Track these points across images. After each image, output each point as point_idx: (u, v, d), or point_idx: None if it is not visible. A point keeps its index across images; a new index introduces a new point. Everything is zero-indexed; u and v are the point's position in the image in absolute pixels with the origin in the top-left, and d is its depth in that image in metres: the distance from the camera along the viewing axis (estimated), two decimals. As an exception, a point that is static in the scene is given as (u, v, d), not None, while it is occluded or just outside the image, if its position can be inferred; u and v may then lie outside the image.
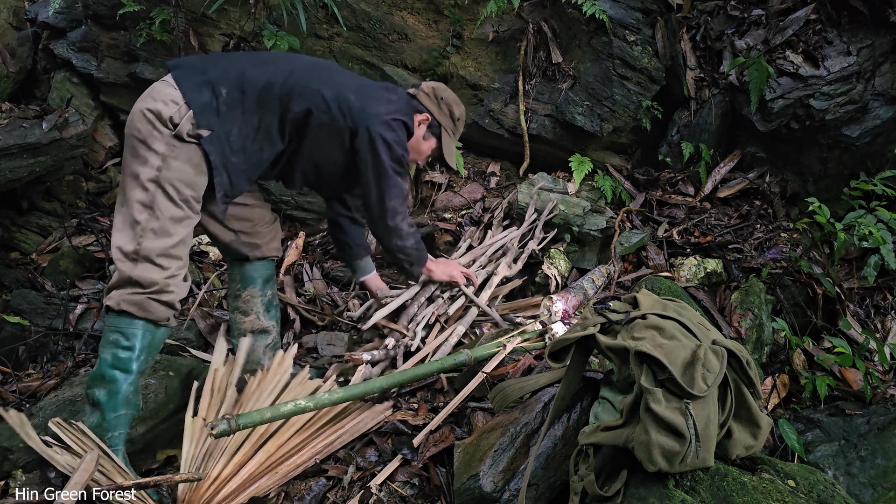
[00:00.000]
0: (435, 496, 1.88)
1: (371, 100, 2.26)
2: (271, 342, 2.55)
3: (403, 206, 2.39)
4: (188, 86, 2.00)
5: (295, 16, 3.39)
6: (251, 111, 2.09)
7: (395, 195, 2.32)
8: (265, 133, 2.13)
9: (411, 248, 2.49)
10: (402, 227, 2.41)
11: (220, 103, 2.02)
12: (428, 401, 2.33)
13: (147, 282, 1.94)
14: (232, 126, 2.05)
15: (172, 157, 1.96)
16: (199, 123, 1.98)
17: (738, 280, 3.12)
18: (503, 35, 3.87)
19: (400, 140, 2.30)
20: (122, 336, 1.94)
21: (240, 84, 2.07)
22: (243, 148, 2.10)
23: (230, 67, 2.10)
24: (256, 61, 2.19)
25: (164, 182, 1.95)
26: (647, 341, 1.42)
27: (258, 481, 1.91)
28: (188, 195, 2.00)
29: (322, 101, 2.16)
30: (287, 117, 2.14)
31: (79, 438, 1.86)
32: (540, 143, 3.86)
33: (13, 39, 4.19)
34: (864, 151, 3.64)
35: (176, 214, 1.98)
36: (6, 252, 3.86)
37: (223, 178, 2.07)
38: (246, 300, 2.49)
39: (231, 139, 2.05)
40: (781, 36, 3.64)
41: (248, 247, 2.44)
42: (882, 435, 2.47)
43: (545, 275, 3.11)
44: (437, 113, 2.46)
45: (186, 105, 1.97)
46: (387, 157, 2.25)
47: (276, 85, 2.11)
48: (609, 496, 1.41)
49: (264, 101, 2.10)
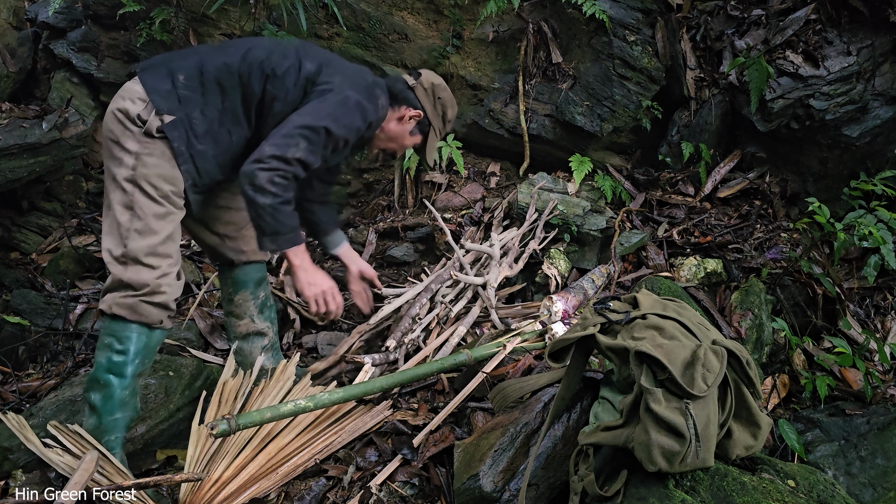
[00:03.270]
0: (435, 496, 1.88)
1: (329, 68, 2.11)
2: (268, 343, 2.54)
3: (278, 164, 1.97)
4: (150, 80, 1.97)
5: (295, 16, 3.39)
6: (213, 92, 2.02)
7: (278, 144, 1.97)
8: (231, 114, 2.05)
9: (265, 210, 1.99)
10: (259, 178, 1.95)
11: (178, 88, 1.97)
12: (428, 401, 2.33)
13: (138, 283, 1.92)
14: (193, 110, 1.98)
15: (146, 153, 1.94)
16: (160, 109, 1.93)
17: (738, 280, 3.12)
18: (503, 35, 3.87)
19: (341, 117, 2.05)
20: (116, 340, 1.93)
21: (198, 68, 2.01)
22: (210, 132, 2.02)
23: (189, 56, 2.07)
24: (215, 48, 2.13)
25: (141, 180, 1.93)
26: (647, 341, 1.42)
27: (259, 482, 1.91)
28: (167, 190, 1.97)
29: (279, 70, 2.04)
30: (250, 96, 2.05)
31: (76, 441, 1.87)
32: (540, 143, 3.86)
33: (13, 39, 4.19)
34: (864, 151, 3.64)
35: (157, 211, 1.95)
36: (6, 252, 3.86)
37: (189, 166, 2.00)
38: (239, 304, 2.47)
39: (194, 124, 1.99)
40: (781, 36, 3.64)
41: (234, 251, 2.39)
42: (882, 435, 2.47)
43: (545, 275, 3.11)
44: (431, 113, 2.35)
45: (150, 100, 1.94)
46: (320, 119, 2.00)
47: (234, 63, 2.03)
48: (609, 496, 1.41)
49: (225, 81, 2.02)
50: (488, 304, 2.81)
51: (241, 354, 2.51)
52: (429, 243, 3.62)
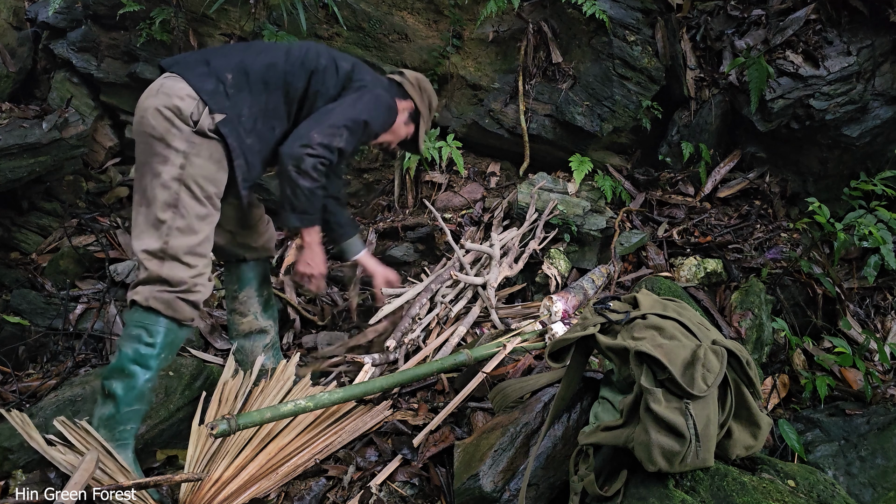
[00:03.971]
0: (435, 496, 1.88)
1: (361, 69, 2.32)
2: (269, 342, 2.56)
3: (322, 151, 2.09)
4: (194, 78, 2.01)
5: (295, 16, 3.39)
6: (258, 91, 2.10)
7: (325, 132, 2.10)
8: (273, 110, 2.14)
9: (301, 192, 2.12)
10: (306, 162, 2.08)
11: (227, 87, 2.04)
12: (428, 401, 2.33)
13: (176, 280, 1.95)
14: (242, 107, 2.06)
15: (194, 154, 1.97)
16: (212, 108, 1.98)
17: (738, 280, 3.12)
18: (503, 35, 3.87)
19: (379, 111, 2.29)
20: (146, 332, 1.95)
21: (243, 68, 2.09)
22: (255, 128, 2.10)
23: (229, 55, 2.13)
24: (252, 50, 2.22)
25: (188, 180, 1.96)
26: (647, 341, 1.42)
27: (259, 482, 1.91)
28: (211, 192, 2.02)
29: (320, 66, 2.19)
30: (292, 94, 2.16)
31: (83, 437, 1.87)
32: (540, 143, 3.86)
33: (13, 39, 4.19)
34: (864, 151, 3.64)
35: (200, 212, 1.99)
36: (6, 252, 3.86)
37: (241, 161, 2.07)
38: (243, 301, 2.50)
39: (243, 120, 2.06)
40: (781, 36, 3.64)
41: (242, 248, 2.45)
42: (882, 435, 2.47)
43: (545, 275, 3.11)
44: (420, 103, 2.50)
45: (202, 99, 1.98)
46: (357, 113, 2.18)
47: (279, 63, 2.14)
48: (609, 496, 1.41)
49: (269, 79, 2.12)
50: (488, 304, 2.81)
51: (242, 353, 2.51)
52: (429, 243, 3.62)
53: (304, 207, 2.16)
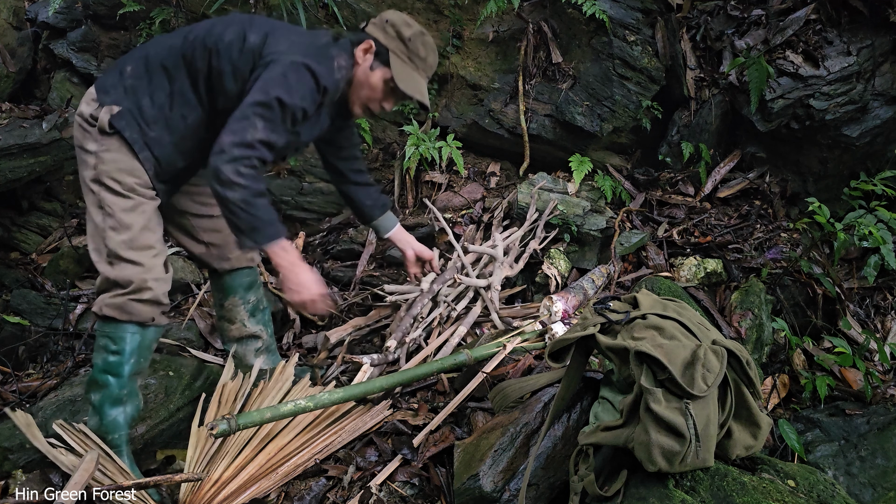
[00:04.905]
0: (435, 496, 1.88)
1: (274, 37, 1.96)
2: (262, 346, 2.51)
3: (240, 150, 1.82)
4: (101, 79, 1.99)
5: (295, 16, 3.39)
6: (159, 77, 1.97)
7: (235, 130, 1.83)
8: (180, 97, 1.98)
9: (236, 206, 1.83)
10: (225, 171, 1.80)
11: (125, 78, 1.96)
12: (428, 401, 2.33)
13: (124, 280, 1.91)
14: (141, 98, 1.95)
15: (103, 151, 1.93)
16: (103, 102, 1.92)
17: (738, 280, 3.12)
18: (503, 35, 3.87)
19: (291, 84, 1.88)
20: (111, 340, 1.93)
21: (144, 57, 1.99)
22: (162, 118, 1.97)
23: (139, 48, 2.06)
24: (162, 36, 2.10)
25: (103, 177, 1.93)
26: (647, 341, 1.42)
27: (259, 482, 1.91)
28: (131, 183, 1.94)
29: (222, 44, 1.94)
30: (197, 75, 1.97)
31: (81, 439, 1.87)
32: (540, 143, 3.86)
33: (13, 39, 4.19)
34: (864, 151, 3.64)
35: (125, 205, 1.93)
36: (6, 252, 3.86)
37: (146, 154, 1.97)
38: (229, 309, 2.44)
39: (144, 111, 1.95)
40: (781, 36, 3.64)
41: (219, 259, 2.36)
42: (882, 435, 2.47)
43: (545, 275, 3.11)
44: (383, 37, 2.07)
45: (97, 97, 1.95)
46: (266, 93, 1.84)
47: (176, 45, 1.98)
48: (609, 496, 1.41)
49: (169, 63, 1.97)
50: (492, 307, 2.81)
51: (236, 357, 2.49)
52: (429, 243, 3.62)
53: (250, 222, 1.84)
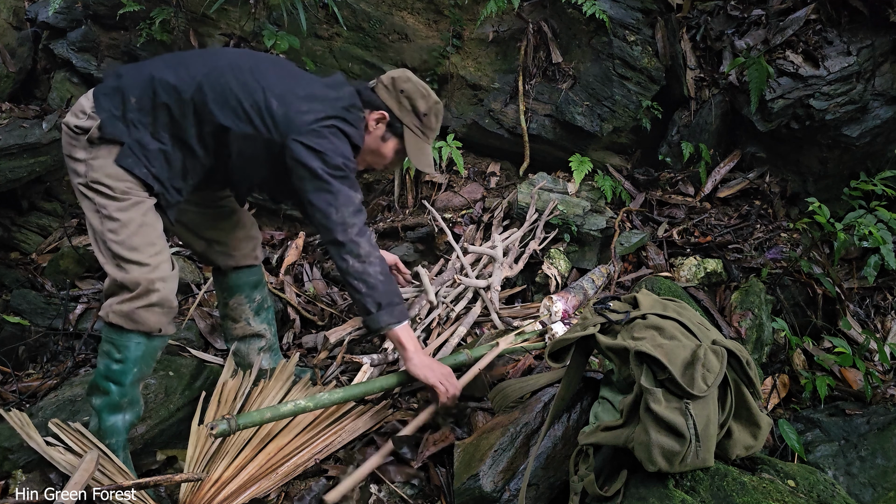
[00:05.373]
0: (435, 496, 1.88)
1: (295, 104, 1.95)
2: (266, 344, 2.52)
3: (357, 218, 1.96)
4: (100, 95, 1.93)
5: (295, 16, 3.39)
6: (163, 118, 1.93)
7: (341, 204, 1.93)
8: (181, 143, 1.96)
9: (374, 279, 1.97)
10: (360, 243, 1.96)
11: (128, 110, 1.90)
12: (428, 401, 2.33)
13: (132, 283, 1.87)
14: (143, 135, 1.91)
15: (92, 158, 1.90)
16: (104, 134, 1.88)
17: (738, 280, 3.12)
18: (503, 35, 3.87)
19: (335, 147, 1.94)
20: (115, 348, 1.90)
21: (150, 89, 1.92)
22: (164, 155, 1.94)
23: (142, 71, 1.96)
24: (169, 62, 2.00)
25: (94, 184, 1.90)
26: (647, 341, 1.42)
27: (259, 482, 1.91)
28: (122, 187, 1.90)
29: (241, 111, 1.92)
30: (204, 129, 1.94)
31: (78, 439, 1.87)
32: (540, 143, 3.86)
33: (13, 39, 4.19)
34: (864, 151, 3.64)
35: (120, 205, 1.90)
36: (6, 252, 3.86)
37: (157, 186, 1.95)
38: (234, 307, 2.44)
39: (146, 147, 1.91)
40: (781, 36, 3.64)
41: (222, 256, 2.34)
42: (882, 435, 2.47)
43: (545, 275, 3.11)
44: (397, 109, 2.07)
45: (95, 114, 1.89)
46: (320, 167, 1.92)
47: (187, 92, 1.91)
48: (609, 496, 1.41)
49: (177, 111, 1.92)
50: (491, 307, 2.80)
51: (238, 355, 2.50)
52: (429, 243, 3.62)
53: (385, 296, 1.96)
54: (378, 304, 1.98)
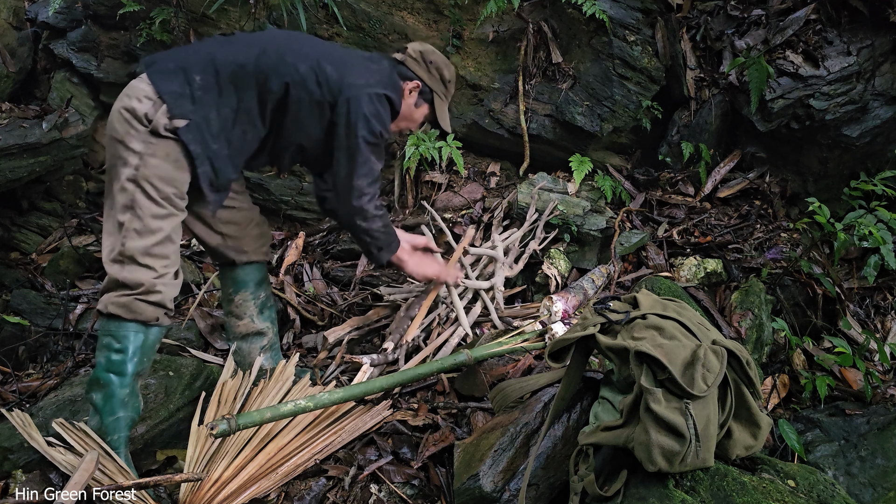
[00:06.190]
0: (435, 496, 1.88)
1: (351, 70, 2.17)
2: (267, 343, 2.54)
3: (372, 188, 2.27)
4: (160, 78, 1.96)
5: (295, 16, 3.39)
6: (228, 93, 2.02)
7: (364, 173, 2.21)
8: (246, 115, 2.07)
9: (377, 231, 2.35)
10: (368, 209, 2.28)
11: (195, 89, 1.96)
12: (428, 401, 2.33)
13: (134, 283, 1.92)
14: (210, 111, 1.99)
15: (149, 154, 1.92)
16: (174, 114, 1.93)
17: (738, 280, 3.12)
18: (503, 35, 3.87)
19: (379, 115, 2.18)
20: (114, 339, 1.93)
21: (212, 67, 2.01)
22: (224, 132, 2.04)
23: (199, 51, 2.06)
24: (223, 43, 2.13)
25: (142, 180, 1.92)
26: (647, 341, 1.42)
27: (259, 482, 1.91)
28: (168, 192, 1.96)
29: (298, 75, 2.08)
30: (266, 97, 2.08)
31: (81, 439, 1.87)
32: (540, 143, 3.86)
33: (13, 39, 4.19)
34: (864, 151, 3.64)
35: (157, 212, 1.94)
36: (6, 252, 3.86)
37: (206, 168, 2.02)
38: (239, 304, 2.47)
39: (210, 124, 1.99)
40: (781, 36, 3.64)
41: (235, 251, 2.39)
42: (882, 435, 2.47)
43: (545, 275, 3.11)
44: (428, 78, 2.35)
45: (160, 99, 1.93)
46: (364, 131, 2.14)
47: (249, 64, 2.04)
48: (609, 496, 1.41)
49: (240, 81, 2.03)
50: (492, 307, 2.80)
51: (240, 354, 2.51)
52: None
53: (385, 240, 2.37)
54: (379, 248, 2.40)
